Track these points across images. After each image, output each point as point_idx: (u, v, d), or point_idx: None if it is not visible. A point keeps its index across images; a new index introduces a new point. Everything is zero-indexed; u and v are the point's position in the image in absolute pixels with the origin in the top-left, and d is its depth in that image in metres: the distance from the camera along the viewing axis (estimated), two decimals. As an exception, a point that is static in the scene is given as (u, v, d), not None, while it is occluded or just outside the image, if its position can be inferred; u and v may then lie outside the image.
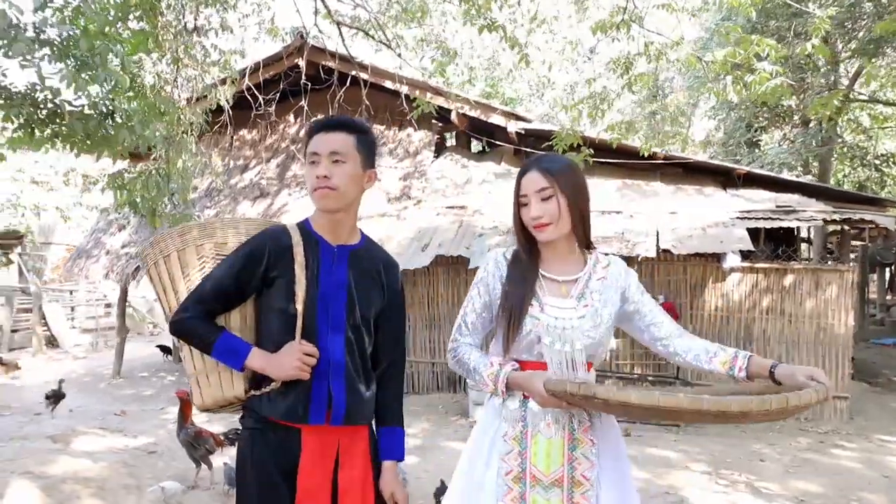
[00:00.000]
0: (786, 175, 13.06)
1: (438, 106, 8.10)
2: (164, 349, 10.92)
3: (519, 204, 1.87)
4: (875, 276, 18.72)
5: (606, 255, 1.97)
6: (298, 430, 1.80)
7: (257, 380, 1.82)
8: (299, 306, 1.78)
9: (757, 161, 15.38)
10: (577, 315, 1.82)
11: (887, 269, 19.03)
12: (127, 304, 10.40)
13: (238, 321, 1.86)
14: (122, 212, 8.71)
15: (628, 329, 1.97)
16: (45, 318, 12.69)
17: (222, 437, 4.70)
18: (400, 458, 1.94)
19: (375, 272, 1.93)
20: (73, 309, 14.40)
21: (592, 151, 6.60)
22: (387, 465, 1.91)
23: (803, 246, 13.65)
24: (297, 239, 1.84)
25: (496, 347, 1.92)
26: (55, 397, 6.80)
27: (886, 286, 19.47)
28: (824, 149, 14.78)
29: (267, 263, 1.81)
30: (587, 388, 1.54)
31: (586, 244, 1.89)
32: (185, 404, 4.73)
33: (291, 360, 1.74)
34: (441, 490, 4.14)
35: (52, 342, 12.78)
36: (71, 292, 14.64)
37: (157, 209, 5.88)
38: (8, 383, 9.07)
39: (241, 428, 1.89)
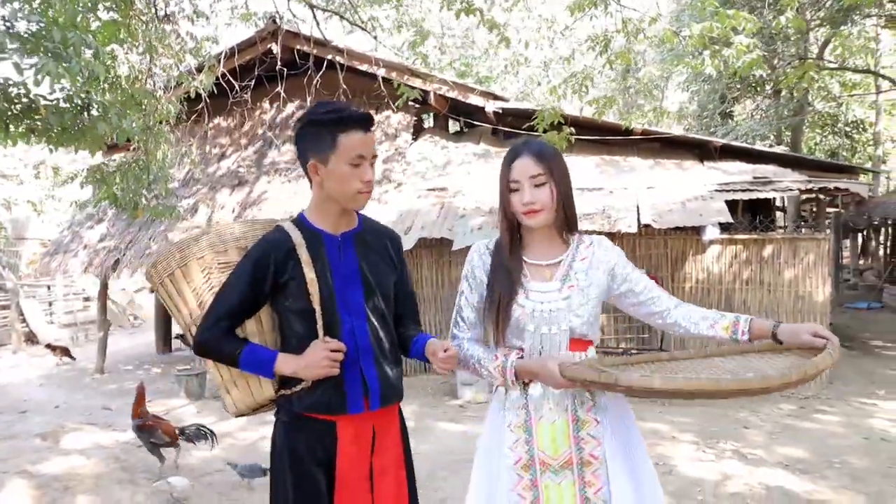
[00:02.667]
0: (759, 146, 13.26)
1: (416, 87, 8.05)
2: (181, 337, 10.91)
3: (509, 190, 1.86)
4: (848, 242, 19.11)
5: (590, 234, 1.97)
6: (334, 423, 1.83)
7: (286, 379, 1.84)
8: (316, 305, 1.80)
9: (731, 132, 15.54)
10: (561, 297, 1.83)
11: (860, 235, 19.42)
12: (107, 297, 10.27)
13: (253, 326, 1.88)
14: (101, 205, 8.60)
15: (623, 307, 1.97)
16: (22, 315, 12.50)
17: (177, 432, 4.70)
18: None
19: (383, 249, 1.95)
20: (50, 304, 14.19)
21: (574, 130, 6.62)
22: (429, 340, 1.89)
23: (778, 215, 13.87)
24: (297, 240, 1.83)
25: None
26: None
27: (859, 251, 19.90)
28: (797, 118, 15.00)
29: (274, 270, 1.82)
30: (608, 377, 1.55)
31: (571, 228, 1.90)
32: (140, 397, 4.83)
33: (319, 360, 1.75)
34: None
35: (31, 338, 12.60)
36: (48, 287, 14.40)
37: (139, 202, 5.81)
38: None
39: (276, 420, 1.92)
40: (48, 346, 10.60)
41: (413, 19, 15.88)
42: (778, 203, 13.50)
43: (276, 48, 8.11)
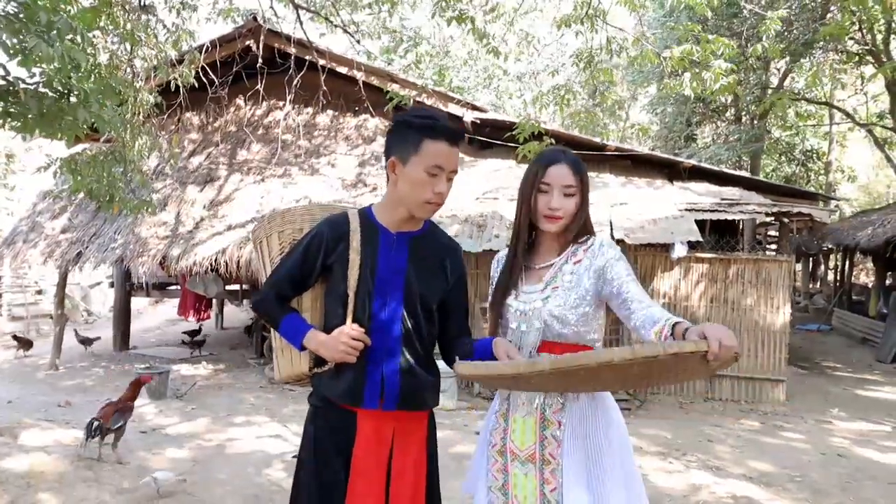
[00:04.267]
0: (723, 168, 13.67)
1: (397, 94, 8.07)
2: (248, 329, 10.99)
3: (538, 190, 1.91)
4: (800, 266, 19.78)
5: (598, 235, 1.99)
6: (355, 414, 1.86)
7: (319, 359, 1.88)
8: (350, 291, 1.83)
9: (695, 155, 15.98)
10: (541, 297, 1.89)
11: (811, 259, 20.13)
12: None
13: (309, 302, 1.96)
14: (65, 195, 8.35)
15: (615, 312, 1.94)
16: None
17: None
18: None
19: (438, 258, 1.96)
20: (0, 296, 13.67)
21: (554, 141, 6.73)
22: (494, 340, 1.86)
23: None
24: (354, 226, 1.88)
25: None
26: None
27: (810, 275, 20.61)
28: (757, 145, 15.51)
29: (325, 250, 1.87)
30: (463, 368, 1.66)
31: (579, 236, 1.95)
32: (135, 388, 5.17)
33: (338, 343, 1.79)
34: None
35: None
36: (-1, 278, 13.89)
37: (115, 194, 5.67)
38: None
39: (308, 404, 1.97)
40: (14, 336, 10.43)
41: (391, 26, 15.89)
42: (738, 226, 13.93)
43: (255, 46, 8.05)
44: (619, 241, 7.10)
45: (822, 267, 21.10)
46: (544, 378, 1.52)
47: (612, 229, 7.11)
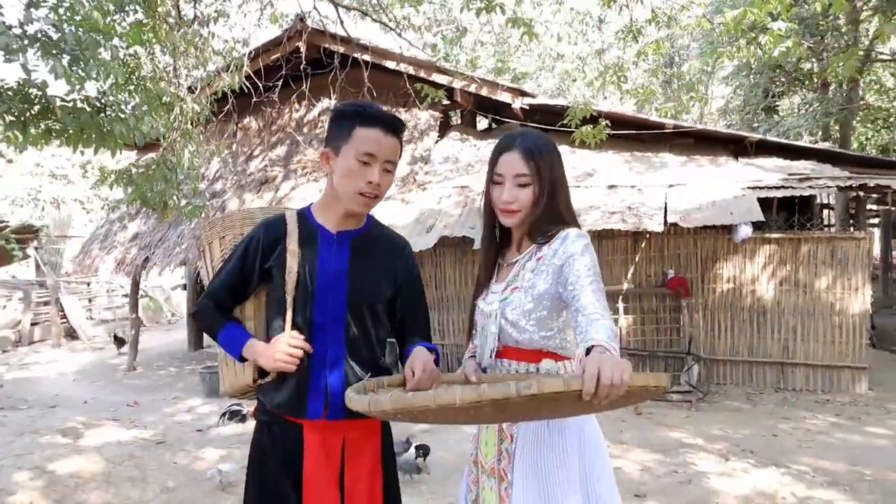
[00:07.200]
0: (805, 141, 12.75)
1: (442, 85, 7.97)
2: (118, 340, 11.23)
3: (492, 181, 1.77)
4: (900, 242, 18.26)
5: (568, 230, 1.71)
6: (300, 426, 1.78)
7: (263, 370, 1.82)
8: (288, 297, 1.75)
9: (774, 128, 15.00)
10: (499, 299, 1.74)
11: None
12: (141, 294, 10.49)
13: (251, 310, 1.90)
14: (132, 205, 8.76)
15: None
16: (62, 311, 12.87)
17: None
18: (430, 347, 1.79)
19: (383, 258, 1.87)
20: (90, 300, 14.58)
21: (610, 123, 6.47)
22: (417, 348, 1.74)
23: (826, 212, 13.31)
24: (291, 227, 1.80)
25: None
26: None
27: (912, 251, 19.00)
28: (844, 112, 14.38)
29: (262, 254, 1.80)
30: (355, 402, 1.41)
31: (549, 230, 1.72)
32: None
33: (275, 352, 1.72)
34: None
35: (71, 334, 12.96)
36: (88, 284, 14.81)
37: (169, 202, 5.88)
38: (26, 377, 9.21)
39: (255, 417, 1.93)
40: (115, 336, 11.27)
41: (450, 17, 15.81)
42: (825, 200, 12.96)
43: (302, 46, 8.13)
44: (674, 225, 6.73)
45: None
46: (389, 414, 1.34)
47: (665, 212, 6.73)
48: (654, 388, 1.28)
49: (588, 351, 1.35)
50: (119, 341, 11.01)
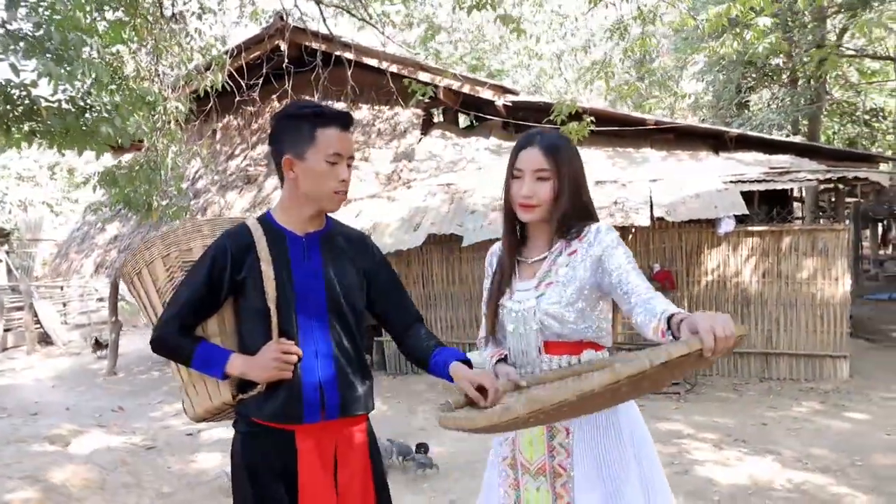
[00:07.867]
0: (776, 135, 13.00)
1: (426, 83, 7.96)
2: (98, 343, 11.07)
3: (512, 176, 1.80)
4: (868, 232, 18.77)
5: (595, 224, 1.78)
6: (292, 433, 1.74)
7: (243, 384, 1.77)
8: (271, 304, 1.72)
9: (747, 123, 15.27)
10: (535, 295, 1.76)
11: (879, 225, 19.07)
12: (120, 297, 10.30)
13: (215, 326, 1.80)
14: (114, 207, 8.60)
15: (617, 303, 1.75)
16: (36, 316, 12.58)
17: None
18: (463, 358, 1.76)
19: (350, 253, 1.86)
20: (65, 305, 14.26)
21: (594, 120, 6.52)
22: (455, 364, 1.71)
23: (795, 205, 13.60)
24: (258, 235, 1.76)
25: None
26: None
27: (879, 241, 19.54)
28: (813, 107, 14.70)
29: (232, 265, 1.74)
30: (450, 421, 1.46)
31: (571, 226, 1.77)
32: None
33: (269, 361, 1.68)
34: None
35: (45, 340, 12.67)
36: (62, 288, 14.49)
37: (152, 203, 5.78)
38: (3, 384, 8.98)
39: (234, 432, 1.83)
40: (95, 340, 11.18)
41: (424, 15, 15.77)
42: (796, 193, 13.24)
43: (283, 45, 8.05)
44: (660, 219, 6.82)
45: (893, 231, 19.96)
46: (523, 421, 1.35)
47: (651, 207, 6.82)
48: (739, 338, 1.31)
49: (668, 321, 1.41)
50: (99, 345, 10.81)
